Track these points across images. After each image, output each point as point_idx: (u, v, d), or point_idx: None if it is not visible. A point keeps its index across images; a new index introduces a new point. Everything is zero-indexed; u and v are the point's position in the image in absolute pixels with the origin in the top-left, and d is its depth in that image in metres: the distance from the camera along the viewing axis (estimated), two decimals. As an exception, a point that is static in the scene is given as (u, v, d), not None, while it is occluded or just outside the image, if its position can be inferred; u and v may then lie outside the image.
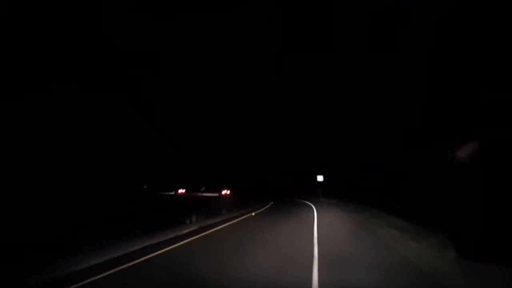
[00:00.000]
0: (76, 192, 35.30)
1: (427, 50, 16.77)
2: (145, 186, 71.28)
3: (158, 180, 73.45)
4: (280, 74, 51.35)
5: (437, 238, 8.76)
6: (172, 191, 68.07)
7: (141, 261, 6.88)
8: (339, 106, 38.32)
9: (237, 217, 16.59)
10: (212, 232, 11.23)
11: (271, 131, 62.98)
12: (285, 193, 55.62)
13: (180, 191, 68.63)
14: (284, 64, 49.73)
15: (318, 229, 11.75)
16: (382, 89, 25.36)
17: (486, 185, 7.79)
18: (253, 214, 18.61)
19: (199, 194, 64.12)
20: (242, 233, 11.22)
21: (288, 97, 57.04)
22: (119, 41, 41.42)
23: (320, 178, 42.72)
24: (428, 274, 5.97)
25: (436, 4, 15.64)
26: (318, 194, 42.25)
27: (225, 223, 13.83)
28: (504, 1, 11.44)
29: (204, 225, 12.57)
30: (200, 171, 73.33)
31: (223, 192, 62.61)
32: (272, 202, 34.14)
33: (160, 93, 56.61)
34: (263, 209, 24.50)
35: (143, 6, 31.51)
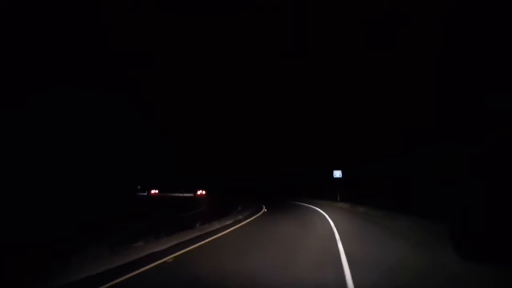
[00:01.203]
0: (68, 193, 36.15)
1: (428, 50, 16.84)
2: (139, 187, 69.35)
3: (157, 180, 72.08)
4: (278, 74, 53.41)
5: None
6: (145, 192, 65.26)
7: None
8: (341, 102, 36.64)
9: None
10: None
11: (271, 131, 59.49)
12: (287, 194, 44.07)
13: (153, 191, 66.94)
14: (282, 64, 51.75)
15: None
16: (382, 88, 25.03)
17: (488, 186, 7.33)
18: (170, 259, 6.49)
19: (179, 194, 61.50)
20: None
21: (286, 97, 55.86)
22: (120, 41, 43.82)
23: (337, 173, 30.48)
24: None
25: (436, 4, 15.81)
26: (334, 196, 30.03)
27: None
28: (505, 2, 11.51)
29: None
30: (199, 171, 71.46)
31: (198, 192, 61.36)
32: (264, 210, 22.25)
33: (158, 92, 61.59)
34: (234, 227, 12.45)
35: (143, 6, 31.69)
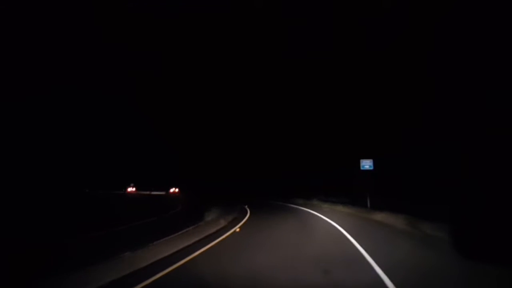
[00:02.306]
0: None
1: (427, 51, 17.05)
2: (132, 184, 68.17)
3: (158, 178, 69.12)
4: (278, 75, 50.80)
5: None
6: (122, 190, 62.09)
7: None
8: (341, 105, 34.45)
9: None
10: None
11: (270, 129, 53.45)
12: (290, 197, 33.38)
13: (130, 189, 64.78)
14: (281, 64, 49.07)
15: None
16: (381, 89, 24.90)
17: (486, 185, 7.47)
18: None
19: (149, 192, 59.61)
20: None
21: (285, 97, 51.52)
22: (119, 41, 42.85)
23: (366, 164, 19.28)
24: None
25: (435, 5, 15.82)
26: (360, 199, 19.34)
27: None
28: (503, 2, 11.54)
29: None
30: (197, 170, 65.96)
31: (171, 190, 61.09)
32: (236, 230, 11.48)
33: (157, 92, 59.74)
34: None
35: (143, 6, 31.27)
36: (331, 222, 13.65)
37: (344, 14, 27.55)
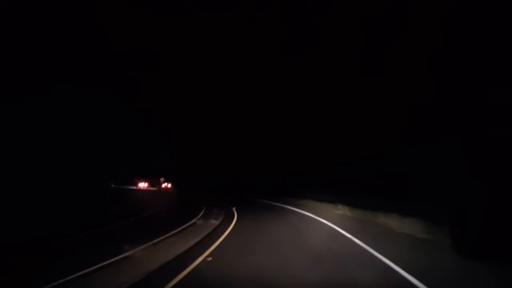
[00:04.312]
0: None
1: (427, 50, 17.11)
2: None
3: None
4: (278, 75, 50.79)
5: None
6: (133, 185, 63.08)
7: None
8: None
9: None
10: None
11: (270, 129, 52.23)
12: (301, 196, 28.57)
13: (141, 185, 63.92)
14: (282, 64, 49.73)
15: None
16: (381, 88, 23.93)
17: (488, 186, 7.52)
18: None
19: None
20: None
21: (284, 96, 50.40)
22: (119, 40, 43.81)
23: None
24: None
25: (435, 5, 16.05)
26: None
27: None
28: (503, 2, 11.69)
29: None
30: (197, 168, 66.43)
31: (163, 185, 60.82)
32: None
33: (159, 91, 59.24)
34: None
35: (143, 5, 31.58)
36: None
37: (344, 14, 28.07)
